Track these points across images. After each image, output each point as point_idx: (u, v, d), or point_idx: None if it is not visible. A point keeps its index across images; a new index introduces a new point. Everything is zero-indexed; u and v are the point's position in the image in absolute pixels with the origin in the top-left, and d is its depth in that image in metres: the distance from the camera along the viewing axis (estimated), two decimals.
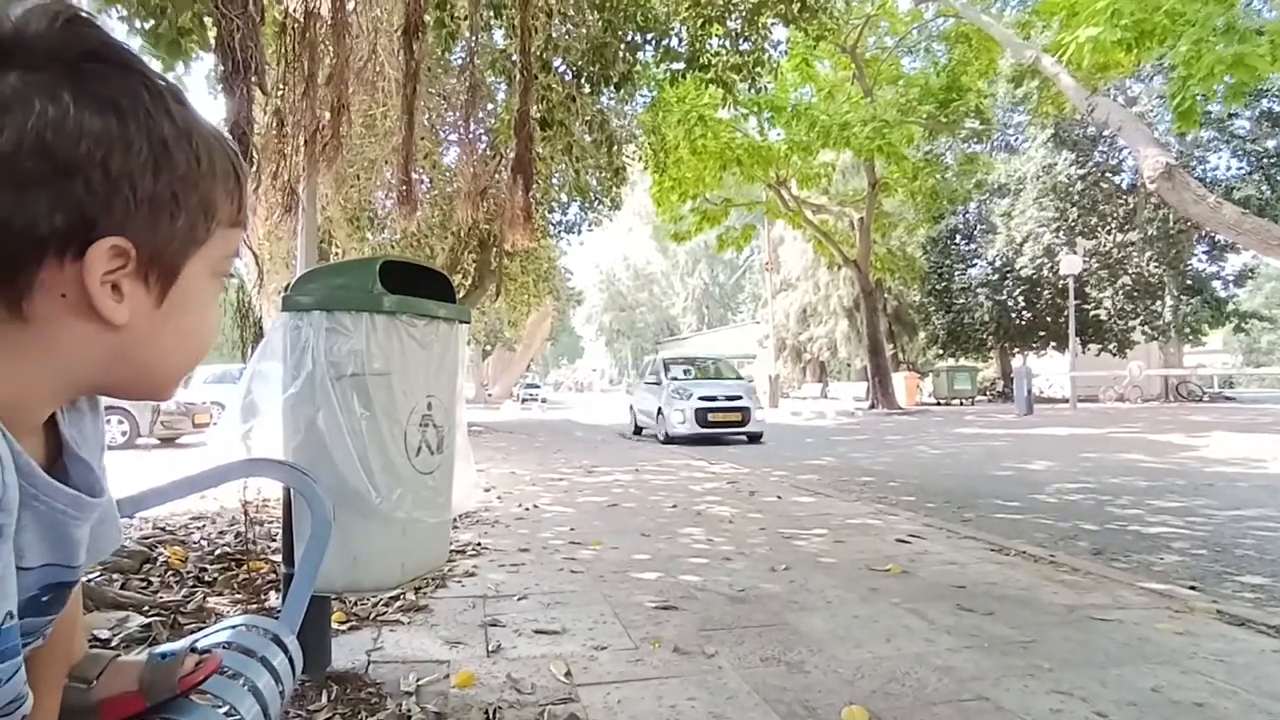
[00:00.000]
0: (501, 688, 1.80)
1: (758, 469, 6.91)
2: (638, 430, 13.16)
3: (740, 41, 7.07)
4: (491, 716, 1.64)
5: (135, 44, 3.08)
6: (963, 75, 16.59)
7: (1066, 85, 10.26)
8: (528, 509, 4.50)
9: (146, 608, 2.21)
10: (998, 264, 26.34)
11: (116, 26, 3.21)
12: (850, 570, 2.98)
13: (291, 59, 3.77)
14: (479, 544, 3.43)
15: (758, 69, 7.11)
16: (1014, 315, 26.54)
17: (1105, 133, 21.55)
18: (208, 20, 3.28)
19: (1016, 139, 26.99)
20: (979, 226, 27.72)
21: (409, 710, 1.65)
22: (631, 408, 13.80)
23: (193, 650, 0.74)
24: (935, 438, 11.51)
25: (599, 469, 6.80)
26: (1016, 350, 27.67)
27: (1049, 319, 25.71)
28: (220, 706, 0.70)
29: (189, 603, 2.32)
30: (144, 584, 2.52)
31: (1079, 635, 2.17)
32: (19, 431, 0.49)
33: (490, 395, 33.74)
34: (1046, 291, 25.20)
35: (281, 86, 3.82)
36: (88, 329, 0.49)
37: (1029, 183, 25.04)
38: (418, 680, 1.83)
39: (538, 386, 37.81)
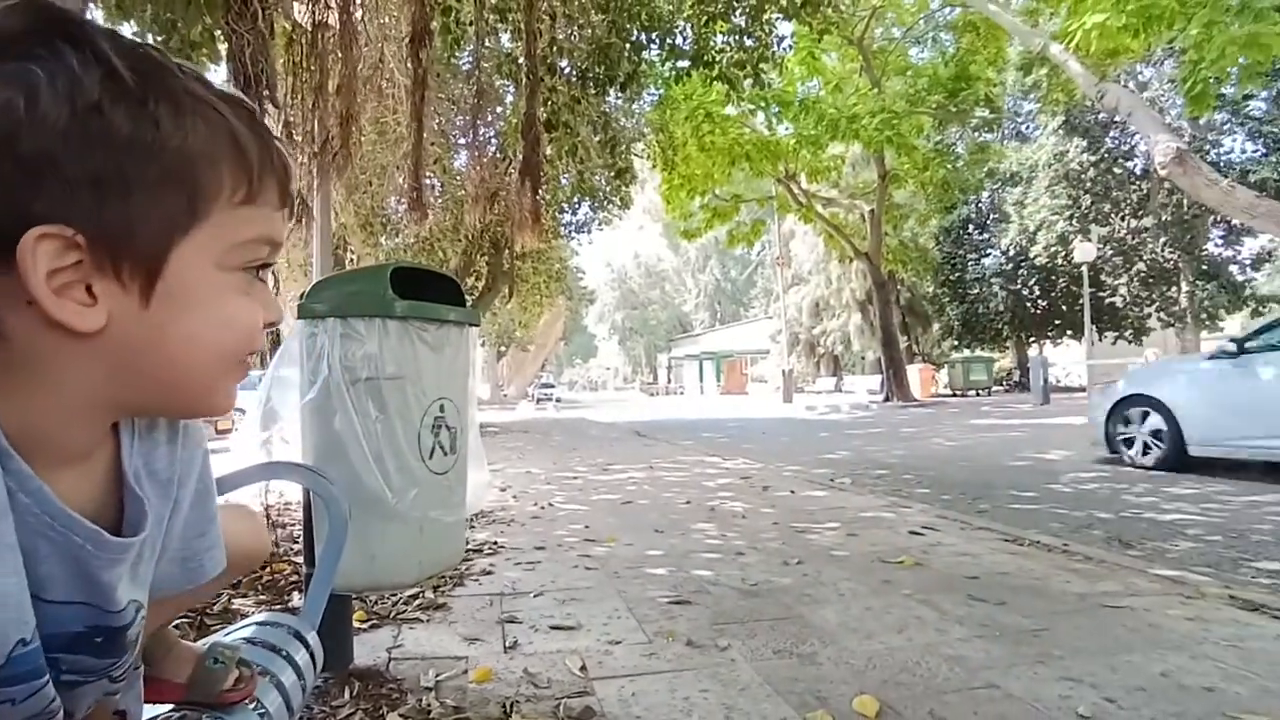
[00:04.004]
0: (518, 682, 1.84)
1: (771, 464, 6.92)
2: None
3: (745, 37, 7.08)
4: (509, 710, 1.68)
5: None
6: (971, 64, 16.48)
7: (1075, 72, 10.17)
8: (543, 507, 4.55)
9: None
10: (1011, 253, 26.16)
11: None
12: (863, 563, 3.00)
13: (301, 70, 3.84)
14: (495, 542, 3.48)
15: (762, 64, 7.12)
16: (1029, 304, 26.35)
17: (1116, 119, 21.26)
18: (218, 34, 3.35)
19: (1028, 127, 26.81)
20: (992, 216, 27.53)
21: (429, 705, 1.70)
22: None
23: (241, 662, 0.76)
24: (951, 429, 11.46)
25: (613, 466, 6.84)
26: (1032, 340, 27.46)
27: (1064, 307, 25.52)
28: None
29: (215, 604, 2.38)
30: None
31: (1089, 623, 2.18)
32: (50, 461, 0.46)
33: (505, 396, 33.91)
34: (1061, 280, 25.01)
35: (292, 98, 3.89)
36: (67, 340, 0.42)
37: (1041, 170, 24.85)
38: (437, 676, 1.87)
39: (552, 386, 37.93)
